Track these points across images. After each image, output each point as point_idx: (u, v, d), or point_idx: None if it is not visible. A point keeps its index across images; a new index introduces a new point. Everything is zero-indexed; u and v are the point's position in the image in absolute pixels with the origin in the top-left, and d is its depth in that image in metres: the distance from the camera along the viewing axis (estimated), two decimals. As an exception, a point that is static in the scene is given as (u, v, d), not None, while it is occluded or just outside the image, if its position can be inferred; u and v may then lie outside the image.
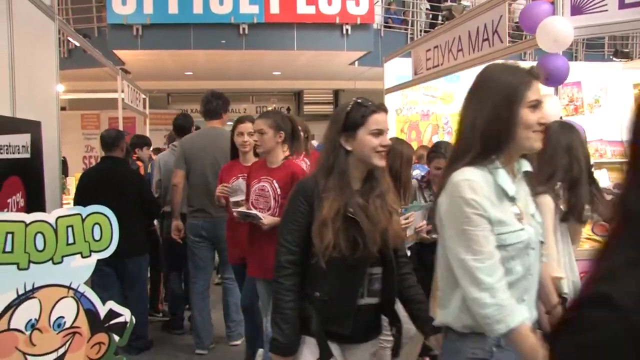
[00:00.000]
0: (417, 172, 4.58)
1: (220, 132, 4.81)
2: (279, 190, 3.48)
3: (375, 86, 10.39)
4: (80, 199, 4.44)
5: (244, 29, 9.12)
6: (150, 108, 9.78)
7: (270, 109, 13.88)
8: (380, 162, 2.25)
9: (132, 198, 4.58)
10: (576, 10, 3.63)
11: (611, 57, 9.99)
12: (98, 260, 2.70)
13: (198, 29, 9.02)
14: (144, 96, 9.33)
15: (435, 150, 4.09)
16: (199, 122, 5.53)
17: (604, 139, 7.05)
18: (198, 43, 9.11)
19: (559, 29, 3.48)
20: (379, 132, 2.23)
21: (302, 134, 3.90)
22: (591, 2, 3.60)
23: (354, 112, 2.23)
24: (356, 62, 10.73)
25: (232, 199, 3.89)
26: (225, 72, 11.74)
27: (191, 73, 11.88)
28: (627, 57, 9.63)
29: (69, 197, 6.50)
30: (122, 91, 7.55)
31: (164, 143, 8.14)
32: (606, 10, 3.59)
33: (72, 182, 7.24)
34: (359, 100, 2.26)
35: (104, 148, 4.82)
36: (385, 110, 2.29)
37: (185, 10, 8.88)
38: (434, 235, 3.96)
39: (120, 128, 7.60)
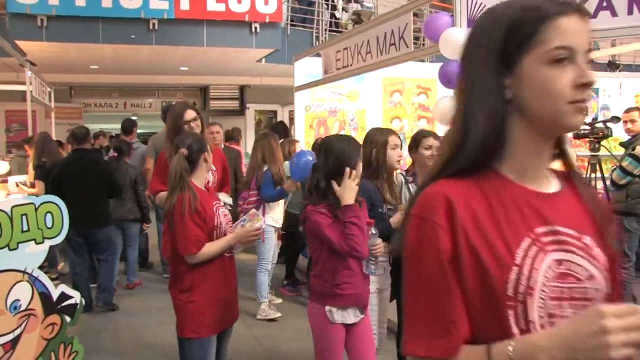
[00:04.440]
0: None
1: None
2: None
3: (281, 82, 10.70)
4: (56, 185, 5.36)
5: (154, 24, 9.13)
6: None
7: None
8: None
9: (101, 181, 5.65)
10: (472, 23, 4.16)
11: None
12: (70, 231, 2.94)
13: (107, 23, 8.89)
14: (49, 89, 9.14)
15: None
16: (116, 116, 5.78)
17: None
18: (107, 37, 8.99)
19: (459, 39, 3.99)
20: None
21: None
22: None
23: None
24: (263, 59, 11.01)
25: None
26: (132, 66, 11.62)
27: (97, 67, 11.65)
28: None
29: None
30: (30, 83, 7.41)
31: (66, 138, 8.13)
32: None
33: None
34: None
35: (75, 142, 5.72)
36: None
37: (93, 3, 8.75)
38: None
39: (29, 122, 7.50)
